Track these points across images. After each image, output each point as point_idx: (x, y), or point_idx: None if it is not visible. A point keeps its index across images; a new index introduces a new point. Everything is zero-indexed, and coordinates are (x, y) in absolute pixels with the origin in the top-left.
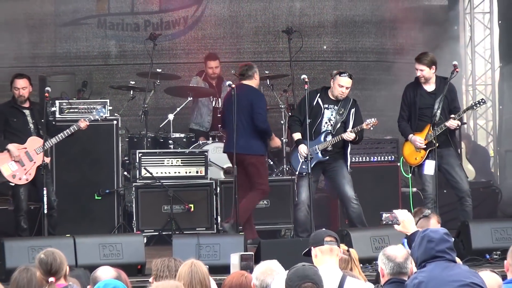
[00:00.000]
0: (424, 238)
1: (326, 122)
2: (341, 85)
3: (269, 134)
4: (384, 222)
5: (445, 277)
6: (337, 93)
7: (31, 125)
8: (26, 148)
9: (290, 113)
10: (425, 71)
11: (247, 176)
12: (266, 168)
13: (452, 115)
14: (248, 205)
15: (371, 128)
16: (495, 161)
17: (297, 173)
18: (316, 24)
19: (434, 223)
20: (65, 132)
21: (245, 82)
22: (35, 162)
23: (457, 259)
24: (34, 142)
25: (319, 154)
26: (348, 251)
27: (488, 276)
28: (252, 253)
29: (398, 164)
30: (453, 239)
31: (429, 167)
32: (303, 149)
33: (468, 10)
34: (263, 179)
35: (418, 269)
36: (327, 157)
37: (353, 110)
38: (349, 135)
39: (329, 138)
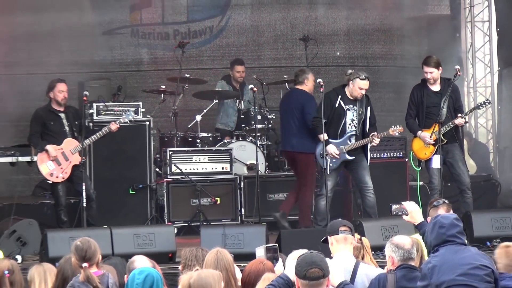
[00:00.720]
0: (436, 224)
1: (349, 124)
2: (361, 87)
3: (318, 133)
4: (394, 213)
5: (456, 260)
6: (356, 94)
7: (67, 128)
8: (62, 148)
9: None
10: (434, 73)
11: (296, 172)
12: (314, 165)
13: (460, 114)
14: (308, 203)
15: (397, 134)
16: (495, 157)
17: (328, 172)
18: (330, 33)
19: (442, 213)
20: (98, 133)
21: (297, 86)
22: (70, 162)
23: None
24: (70, 143)
25: (346, 155)
26: (360, 239)
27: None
28: (277, 244)
29: (406, 159)
30: (462, 223)
31: (436, 161)
32: (333, 149)
33: (469, 19)
34: (311, 176)
35: (432, 254)
36: (354, 157)
37: (369, 108)
38: (377, 142)
39: (353, 139)
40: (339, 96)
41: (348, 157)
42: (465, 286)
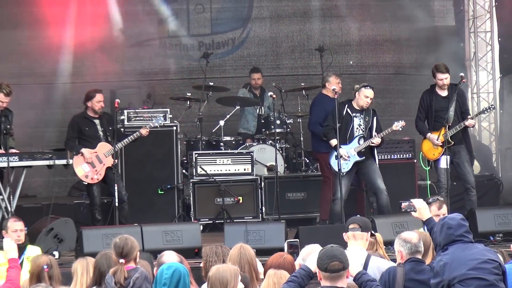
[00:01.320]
0: (444, 226)
1: (357, 128)
2: (366, 95)
3: (320, 135)
4: (403, 209)
5: (465, 257)
6: (362, 103)
7: (101, 133)
8: (96, 152)
9: None
10: (448, 78)
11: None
12: (326, 163)
13: (470, 116)
14: (328, 198)
15: (400, 129)
16: (497, 157)
17: (342, 173)
18: (343, 43)
19: (434, 210)
20: (129, 137)
21: (322, 91)
22: (104, 164)
23: None
24: (103, 147)
25: (356, 156)
26: (373, 235)
27: None
28: (298, 240)
29: (415, 160)
30: (468, 223)
31: (444, 162)
32: (343, 152)
33: (472, 29)
34: (325, 172)
35: (442, 252)
36: (363, 157)
37: (375, 118)
38: (377, 140)
39: (362, 141)
40: (346, 105)
41: (358, 158)
42: (476, 279)
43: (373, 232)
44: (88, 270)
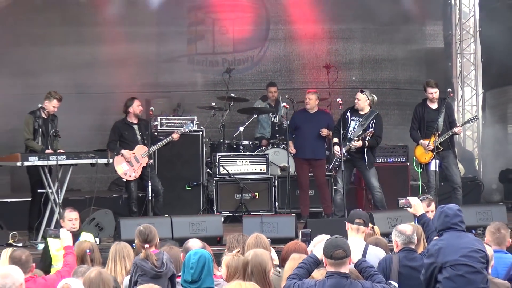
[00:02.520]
0: (442, 213)
1: (351, 131)
2: (356, 97)
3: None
4: (401, 206)
5: (458, 244)
6: (362, 105)
7: (138, 136)
8: (134, 153)
9: None
10: (437, 92)
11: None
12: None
13: (458, 124)
14: (329, 196)
15: (368, 137)
16: (479, 162)
17: (338, 168)
18: (347, 61)
19: (424, 207)
20: (163, 141)
21: None
22: (140, 164)
23: None
24: (140, 149)
25: (345, 154)
26: (372, 228)
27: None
28: (310, 230)
29: (408, 164)
30: (463, 214)
31: (434, 165)
32: (336, 149)
33: (459, 51)
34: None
35: (438, 237)
36: (349, 156)
37: (373, 121)
38: (355, 144)
39: (352, 142)
40: (349, 110)
41: (346, 155)
42: (465, 266)
43: (371, 224)
44: (128, 254)
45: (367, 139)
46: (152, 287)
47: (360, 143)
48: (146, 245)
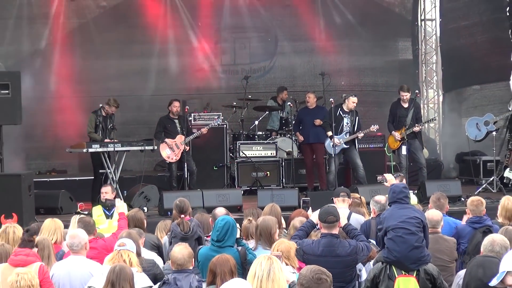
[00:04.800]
0: (391, 190)
1: (346, 125)
2: (354, 101)
3: (326, 131)
4: (379, 181)
5: (399, 213)
6: (351, 106)
7: (179, 128)
8: (175, 141)
9: None
10: (408, 95)
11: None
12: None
13: (417, 124)
14: (325, 174)
15: (375, 130)
16: (439, 147)
17: (332, 155)
18: (337, 70)
19: (398, 182)
20: (195, 133)
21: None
22: (180, 149)
23: (417, 204)
24: (180, 138)
25: (344, 144)
26: (360, 198)
27: (432, 212)
28: (309, 198)
29: (385, 149)
30: (409, 191)
31: (404, 149)
32: (336, 140)
33: (424, 61)
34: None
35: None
36: (348, 146)
37: (357, 117)
38: (360, 135)
39: (348, 135)
40: (339, 109)
41: (345, 146)
42: (402, 229)
43: (358, 195)
44: (165, 226)
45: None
46: (181, 245)
47: (362, 135)
48: (182, 215)
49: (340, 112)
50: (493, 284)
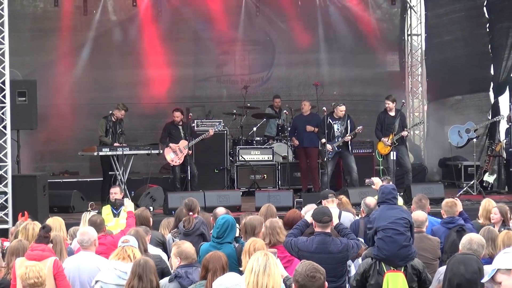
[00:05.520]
0: (380, 190)
1: (336, 130)
2: (342, 110)
3: (320, 138)
4: (367, 184)
5: (388, 214)
6: (340, 114)
7: (182, 134)
8: (179, 146)
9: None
10: (392, 104)
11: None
12: (316, 155)
13: (406, 129)
14: (318, 177)
15: (360, 131)
16: (424, 153)
17: (325, 159)
18: (330, 80)
19: (385, 184)
20: (199, 138)
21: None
22: (183, 153)
23: (403, 205)
24: (183, 143)
25: (336, 148)
26: (341, 199)
27: (418, 214)
28: (302, 200)
29: (373, 154)
30: (397, 192)
31: (392, 155)
32: (328, 147)
33: (410, 73)
34: (315, 161)
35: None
36: (341, 149)
37: (349, 121)
38: (347, 138)
39: (339, 139)
40: (329, 117)
41: (337, 149)
42: (391, 229)
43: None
44: (168, 224)
45: (354, 134)
46: (187, 243)
47: (349, 137)
48: (191, 213)
49: (330, 119)
50: (484, 281)
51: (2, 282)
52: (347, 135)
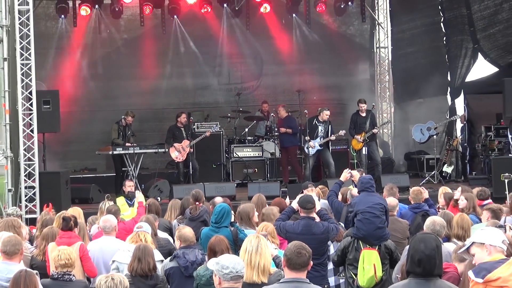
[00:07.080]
0: (360, 180)
1: (320, 131)
2: (327, 114)
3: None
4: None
5: (367, 199)
6: (324, 118)
7: (184, 135)
8: (182, 145)
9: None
10: (365, 106)
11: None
12: (296, 152)
13: (376, 127)
14: (301, 170)
15: (342, 134)
16: (392, 148)
17: (309, 155)
18: (311, 88)
19: (360, 175)
20: (199, 138)
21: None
22: (186, 151)
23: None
24: (186, 142)
25: (318, 146)
26: (322, 189)
27: (390, 199)
28: (287, 189)
29: (348, 149)
30: (373, 181)
31: (364, 150)
32: (311, 144)
33: (379, 80)
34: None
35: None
36: (322, 147)
37: (330, 125)
38: (332, 138)
39: (322, 139)
40: (315, 119)
41: (319, 148)
42: (368, 212)
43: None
44: (175, 207)
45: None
46: (187, 228)
47: (333, 138)
48: (197, 203)
49: (316, 121)
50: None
51: (34, 262)
52: (331, 135)
